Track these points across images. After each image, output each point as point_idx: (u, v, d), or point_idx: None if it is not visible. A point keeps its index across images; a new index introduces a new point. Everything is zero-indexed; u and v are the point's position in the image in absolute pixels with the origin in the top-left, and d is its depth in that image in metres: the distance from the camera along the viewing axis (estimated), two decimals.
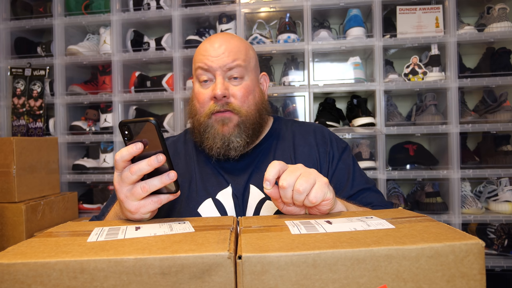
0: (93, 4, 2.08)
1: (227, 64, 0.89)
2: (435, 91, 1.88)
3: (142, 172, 0.62)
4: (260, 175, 0.92)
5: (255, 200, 0.89)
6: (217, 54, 0.90)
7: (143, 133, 0.62)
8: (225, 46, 0.90)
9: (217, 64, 0.89)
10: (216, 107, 0.89)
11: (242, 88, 0.91)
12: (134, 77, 2.06)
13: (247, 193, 0.90)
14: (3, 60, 2.12)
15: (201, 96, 0.91)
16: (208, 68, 0.90)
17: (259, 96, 0.95)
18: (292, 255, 0.45)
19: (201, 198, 0.90)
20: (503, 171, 1.75)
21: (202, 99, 0.91)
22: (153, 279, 0.46)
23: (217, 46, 0.90)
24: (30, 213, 1.62)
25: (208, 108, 0.90)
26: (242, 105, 0.90)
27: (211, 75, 0.91)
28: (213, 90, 0.89)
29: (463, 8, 1.99)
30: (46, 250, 0.50)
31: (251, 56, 0.96)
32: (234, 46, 0.91)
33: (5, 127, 2.13)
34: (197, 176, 0.94)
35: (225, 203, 0.90)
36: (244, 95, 0.91)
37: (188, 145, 1.01)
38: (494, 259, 1.75)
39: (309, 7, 1.88)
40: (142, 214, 0.66)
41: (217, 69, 0.89)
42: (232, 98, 0.90)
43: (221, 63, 0.89)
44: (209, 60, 0.90)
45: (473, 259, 0.46)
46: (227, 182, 0.92)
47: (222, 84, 0.88)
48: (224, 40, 0.92)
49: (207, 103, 0.90)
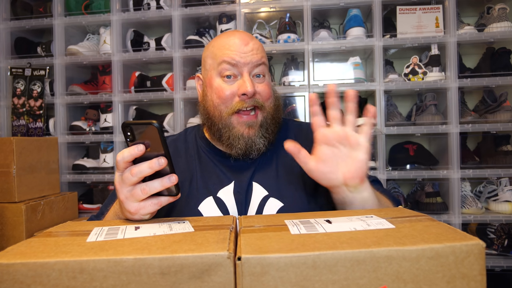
0: (93, 4, 2.08)
1: (256, 61, 0.90)
2: (435, 91, 1.88)
3: (143, 174, 0.62)
4: (263, 172, 0.92)
5: (258, 198, 0.89)
6: (247, 51, 0.89)
7: (146, 135, 0.62)
8: (252, 43, 0.91)
9: (246, 61, 0.89)
10: (244, 104, 0.88)
11: (265, 85, 0.92)
12: (134, 77, 2.06)
13: (250, 190, 0.90)
14: (3, 60, 2.11)
15: (224, 91, 0.89)
16: (236, 63, 0.89)
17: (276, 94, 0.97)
18: (291, 256, 0.45)
19: (202, 196, 0.90)
20: (503, 171, 1.75)
21: (224, 95, 0.89)
22: (152, 279, 0.46)
23: (244, 43, 0.90)
24: (30, 213, 1.62)
25: (234, 105, 0.89)
26: (265, 102, 0.91)
27: (237, 71, 0.90)
28: (242, 87, 0.88)
29: (463, 8, 1.98)
30: (45, 250, 0.50)
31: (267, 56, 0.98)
32: (259, 45, 0.93)
33: (5, 127, 2.13)
34: (198, 174, 0.94)
35: (227, 200, 0.89)
36: (268, 92, 0.92)
37: (188, 144, 1.01)
38: (494, 259, 1.75)
39: (309, 7, 1.88)
40: (141, 215, 0.66)
41: (245, 65, 0.89)
42: (258, 94, 0.90)
43: (250, 59, 0.89)
44: (237, 56, 0.89)
45: (474, 260, 0.45)
46: (229, 179, 0.92)
47: (251, 81, 0.88)
48: (248, 37, 0.93)
49: (231, 100, 0.89)
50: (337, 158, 0.73)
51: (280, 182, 0.90)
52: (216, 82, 0.91)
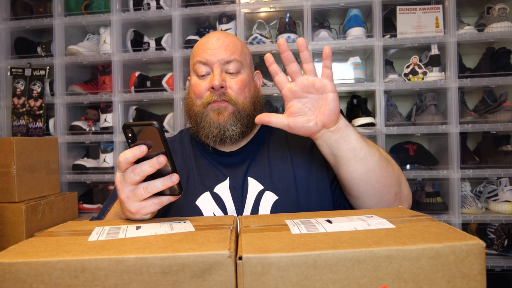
0: (93, 4, 2.08)
1: (224, 57, 0.92)
2: (435, 91, 1.88)
3: (145, 173, 0.63)
4: (257, 167, 0.94)
5: (254, 192, 0.91)
6: (215, 47, 0.93)
7: (146, 136, 0.62)
8: (222, 40, 0.94)
9: (215, 58, 0.92)
10: (213, 97, 0.91)
11: (238, 81, 0.94)
12: (134, 77, 2.06)
13: (246, 185, 0.92)
14: (3, 60, 2.11)
15: (198, 87, 0.93)
16: (206, 61, 0.93)
17: (254, 90, 0.99)
18: (292, 256, 0.45)
19: (199, 191, 0.92)
20: (503, 171, 1.75)
21: (198, 90, 0.93)
22: (154, 278, 0.46)
23: (215, 40, 0.94)
24: (30, 213, 1.62)
25: (205, 99, 0.92)
26: (238, 97, 0.93)
27: (209, 69, 0.93)
28: (211, 81, 0.91)
29: (463, 8, 1.99)
30: (47, 250, 0.50)
31: (246, 53, 0.99)
32: (230, 41, 0.95)
33: (5, 127, 2.13)
34: (195, 171, 0.96)
35: (223, 196, 0.91)
36: (240, 87, 0.93)
37: (184, 143, 1.04)
38: (494, 259, 1.75)
39: (309, 7, 1.88)
40: (142, 215, 0.66)
41: (215, 62, 0.92)
42: (229, 89, 0.92)
43: (219, 56, 0.92)
44: (207, 54, 0.93)
45: (474, 260, 0.46)
46: (224, 176, 0.94)
47: (219, 75, 0.91)
48: (221, 35, 0.96)
49: (204, 94, 0.93)
50: (309, 106, 0.76)
51: (274, 176, 0.93)
52: (193, 80, 0.96)
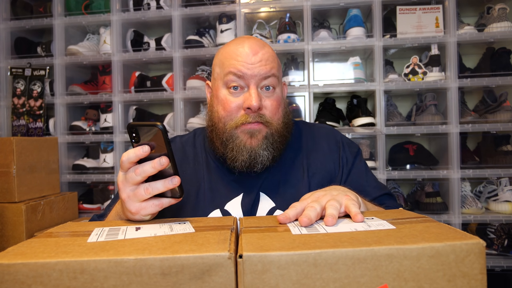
0: (93, 4, 2.08)
1: (264, 74, 0.85)
2: (435, 91, 1.88)
3: (146, 173, 0.63)
4: (271, 183, 0.90)
5: (265, 210, 0.88)
6: (254, 62, 0.85)
7: (150, 136, 0.63)
8: (261, 53, 0.86)
9: (253, 73, 0.84)
10: (248, 118, 0.84)
11: (274, 100, 0.87)
12: (134, 77, 2.06)
13: (258, 201, 0.88)
14: (3, 60, 2.11)
15: (229, 104, 0.85)
16: (242, 75, 0.84)
17: (284, 106, 0.92)
18: (293, 254, 0.45)
19: (209, 209, 0.88)
20: (503, 171, 1.75)
21: (229, 108, 0.85)
22: (153, 279, 0.46)
23: (253, 52, 0.85)
24: (30, 213, 1.62)
25: (238, 119, 0.85)
26: (273, 117, 0.86)
27: (243, 83, 0.85)
28: (247, 100, 0.84)
29: (463, 8, 1.99)
30: (46, 251, 0.50)
31: (280, 65, 0.92)
32: (269, 54, 0.87)
33: (5, 127, 2.13)
34: (206, 185, 0.91)
35: (234, 213, 0.88)
36: (276, 107, 0.87)
37: (197, 149, 0.98)
38: (494, 259, 1.75)
39: (309, 7, 1.88)
40: (142, 215, 0.66)
41: (252, 77, 0.84)
42: (264, 109, 0.85)
43: (258, 72, 0.84)
44: (244, 67, 0.84)
45: (474, 259, 0.46)
46: (237, 191, 0.90)
47: (257, 95, 0.84)
48: (258, 46, 0.87)
49: (236, 113, 0.85)
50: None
51: (287, 194, 0.89)
52: (222, 94, 0.87)
